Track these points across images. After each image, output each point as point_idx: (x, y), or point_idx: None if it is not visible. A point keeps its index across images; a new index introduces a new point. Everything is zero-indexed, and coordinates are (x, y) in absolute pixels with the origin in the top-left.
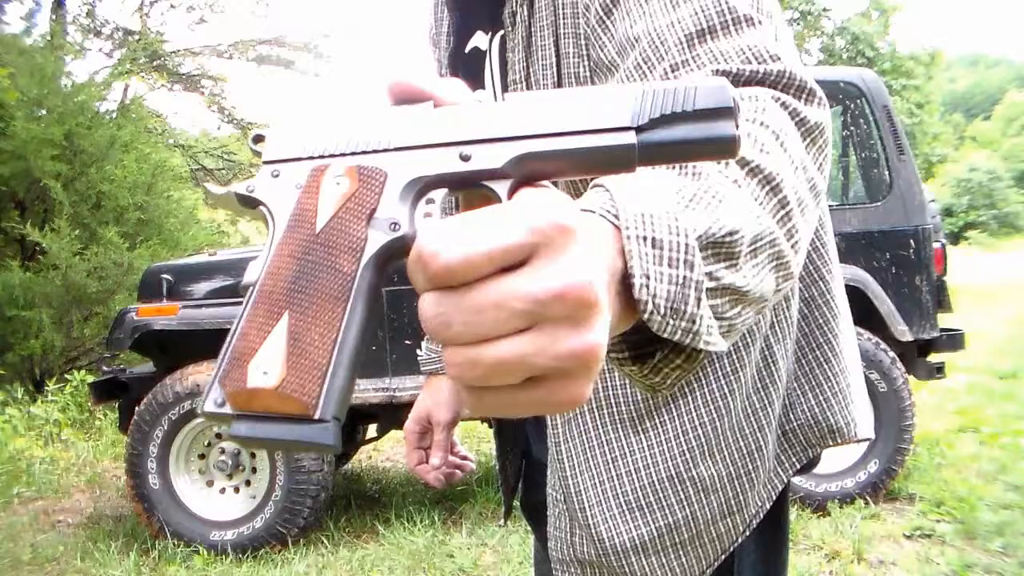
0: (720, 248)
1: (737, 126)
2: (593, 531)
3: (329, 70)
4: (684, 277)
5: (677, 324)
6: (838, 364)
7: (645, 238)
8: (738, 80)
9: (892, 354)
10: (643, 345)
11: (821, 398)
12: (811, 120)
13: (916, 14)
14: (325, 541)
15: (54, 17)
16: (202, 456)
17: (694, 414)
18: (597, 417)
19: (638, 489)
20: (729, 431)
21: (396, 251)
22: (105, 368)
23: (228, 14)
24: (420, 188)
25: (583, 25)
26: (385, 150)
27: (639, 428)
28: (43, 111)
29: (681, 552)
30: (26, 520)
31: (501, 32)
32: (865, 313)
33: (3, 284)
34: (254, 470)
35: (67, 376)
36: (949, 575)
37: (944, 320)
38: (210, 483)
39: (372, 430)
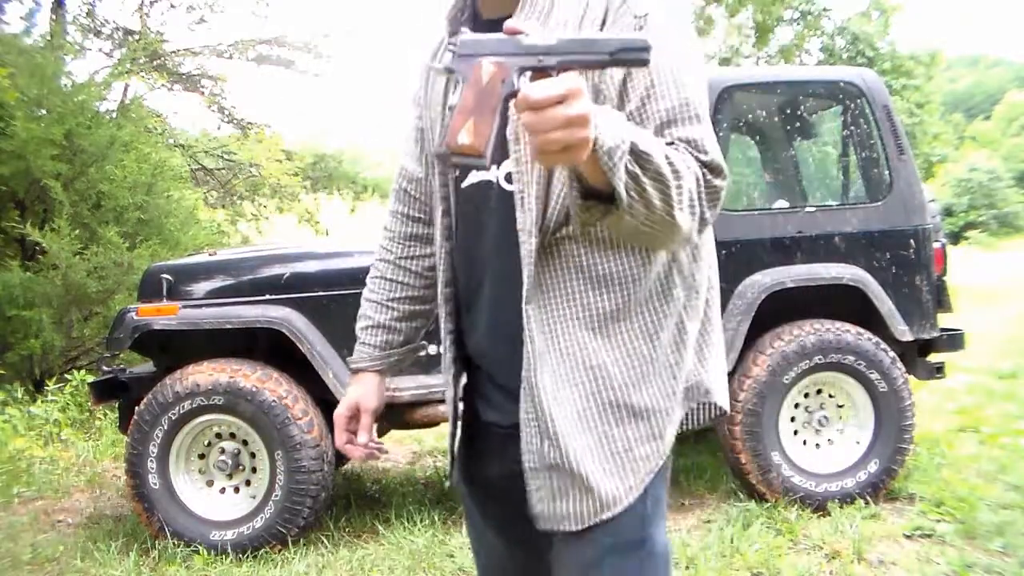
0: (639, 157)
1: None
2: (560, 440)
3: (329, 70)
4: (617, 146)
5: (607, 162)
6: (715, 344)
7: (611, 123)
8: (694, 158)
9: (892, 354)
10: (587, 196)
11: (701, 367)
12: (714, 183)
13: (916, 14)
14: (325, 541)
15: (54, 17)
16: (202, 456)
17: (632, 343)
18: (571, 325)
19: (593, 407)
20: (660, 370)
21: (511, 95)
22: (105, 368)
23: (228, 14)
24: (521, 71)
25: (597, 80)
26: (508, 54)
27: (600, 334)
28: (43, 111)
29: (622, 461)
30: (26, 520)
31: None
32: (865, 313)
33: (3, 284)
34: (254, 470)
35: (67, 376)
36: (949, 575)
37: (944, 320)
38: (210, 483)
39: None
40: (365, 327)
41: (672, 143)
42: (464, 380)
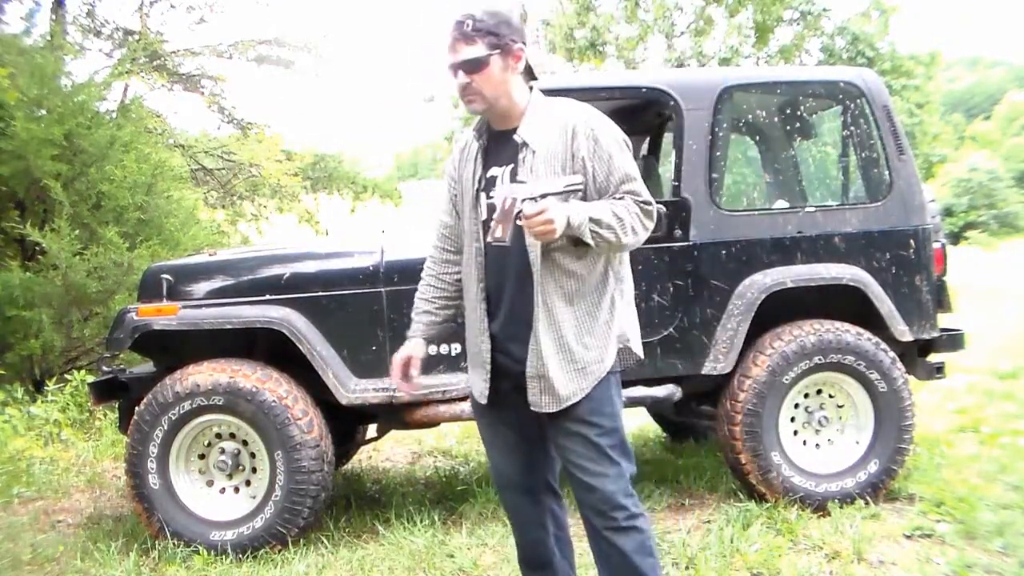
0: (595, 222)
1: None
2: (545, 361)
3: (329, 70)
4: (581, 222)
5: (577, 231)
6: (629, 312)
7: (576, 211)
8: (633, 200)
9: (892, 354)
10: (577, 244)
11: (623, 323)
12: (648, 210)
13: (916, 14)
14: (325, 541)
15: (54, 17)
16: (202, 456)
17: (586, 309)
18: (554, 297)
19: (562, 344)
20: (600, 325)
21: (518, 213)
22: (105, 368)
23: (228, 14)
24: (522, 200)
25: (570, 157)
26: (516, 194)
27: (569, 304)
28: (43, 111)
29: (575, 375)
30: (26, 520)
31: (511, 166)
32: (865, 313)
33: (3, 284)
34: (254, 470)
35: (67, 376)
36: (949, 575)
37: (944, 320)
38: (210, 483)
39: (372, 430)
40: (419, 312)
41: (622, 196)
42: (490, 346)
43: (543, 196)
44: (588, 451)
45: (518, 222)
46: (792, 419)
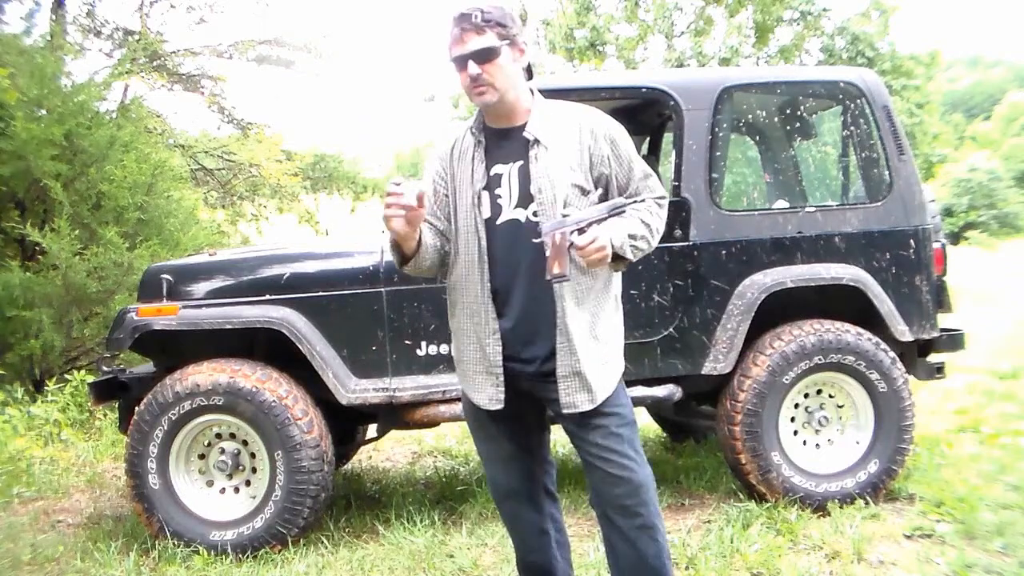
0: (633, 237)
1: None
2: (581, 358)
3: (329, 70)
4: (623, 242)
5: (620, 250)
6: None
7: (616, 232)
8: (653, 199)
9: (892, 354)
10: (616, 260)
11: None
12: (663, 205)
13: (916, 14)
14: (325, 541)
15: (54, 17)
16: (202, 456)
17: (600, 306)
18: (575, 297)
19: (591, 340)
20: (613, 324)
21: (571, 245)
22: (105, 368)
23: (228, 14)
24: (572, 231)
25: (587, 157)
26: (564, 226)
27: (587, 301)
28: (43, 111)
29: (603, 372)
30: (26, 520)
31: (519, 163)
32: (865, 313)
33: (3, 284)
34: (254, 470)
35: (67, 376)
36: (949, 575)
37: (944, 320)
38: (210, 483)
39: (372, 430)
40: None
41: (643, 195)
42: (501, 348)
43: (588, 224)
44: (612, 441)
45: (572, 253)
46: (792, 419)
